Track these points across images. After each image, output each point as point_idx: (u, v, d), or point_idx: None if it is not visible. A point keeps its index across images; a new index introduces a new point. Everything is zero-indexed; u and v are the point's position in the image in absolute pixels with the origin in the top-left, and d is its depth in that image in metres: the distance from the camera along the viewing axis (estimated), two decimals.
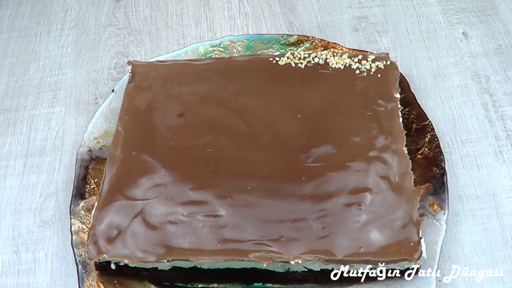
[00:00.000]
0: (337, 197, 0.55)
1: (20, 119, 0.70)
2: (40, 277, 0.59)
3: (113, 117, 0.66)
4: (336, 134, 0.60)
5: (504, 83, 0.70)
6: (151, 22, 0.79)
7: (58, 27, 0.79)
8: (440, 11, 0.77)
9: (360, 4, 0.79)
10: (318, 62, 0.66)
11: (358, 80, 0.64)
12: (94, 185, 0.62)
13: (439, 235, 0.56)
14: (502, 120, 0.67)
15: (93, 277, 0.56)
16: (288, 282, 0.56)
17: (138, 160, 0.59)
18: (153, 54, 0.75)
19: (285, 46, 0.71)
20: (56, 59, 0.76)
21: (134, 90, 0.65)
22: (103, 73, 0.74)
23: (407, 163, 0.58)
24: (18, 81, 0.74)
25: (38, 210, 0.63)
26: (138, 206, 0.55)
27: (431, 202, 0.58)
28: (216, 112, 0.63)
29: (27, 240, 0.61)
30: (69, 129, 0.69)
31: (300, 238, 0.53)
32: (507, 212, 0.60)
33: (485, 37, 0.74)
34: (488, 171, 0.63)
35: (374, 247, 0.52)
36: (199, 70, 0.66)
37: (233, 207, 0.55)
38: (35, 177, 0.66)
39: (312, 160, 0.58)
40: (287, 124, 0.61)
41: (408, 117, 0.64)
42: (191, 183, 0.57)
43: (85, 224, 0.59)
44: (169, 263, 0.54)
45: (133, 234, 0.54)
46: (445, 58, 0.73)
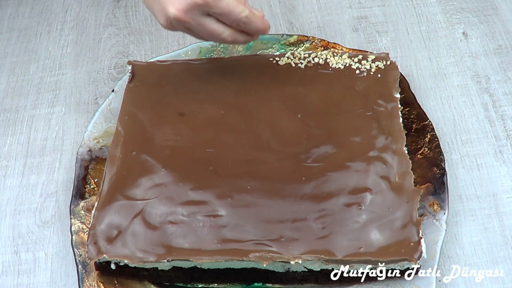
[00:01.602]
0: (337, 197, 0.55)
1: (20, 119, 0.70)
2: (40, 277, 0.59)
3: (113, 117, 0.66)
4: (336, 134, 0.60)
5: (504, 83, 0.70)
6: (151, 22, 0.79)
7: (58, 27, 0.79)
8: (440, 11, 0.77)
9: (360, 4, 0.79)
10: (318, 62, 0.66)
11: (358, 80, 0.64)
12: (94, 185, 0.62)
13: (439, 235, 0.56)
14: (502, 120, 0.67)
15: (93, 277, 0.56)
16: (288, 282, 0.56)
17: (138, 160, 0.59)
18: (153, 54, 0.75)
19: (285, 46, 0.71)
20: (56, 59, 0.76)
21: (134, 90, 0.65)
22: (103, 73, 0.74)
23: (407, 163, 0.58)
24: (18, 81, 0.74)
25: (38, 210, 0.63)
26: (138, 206, 0.55)
27: (431, 202, 0.58)
28: (216, 112, 0.63)
29: (27, 240, 0.61)
30: (69, 129, 0.69)
31: (300, 238, 0.53)
32: (507, 212, 0.60)
33: (485, 37, 0.74)
34: (488, 171, 0.63)
35: (374, 247, 0.52)
36: (199, 70, 0.66)
37: (233, 207, 0.55)
38: (35, 177, 0.66)
39: (312, 160, 0.58)
40: (287, 124, 0.61)
41: (408, 117, 0.64)
42: (191, 183, 0.57)
43: (85, 224, 0.59)
44: (169, 263, 0.54)
45: (133, 234, 0.54)
46: (445, 58, 0.73)
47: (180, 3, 0.53)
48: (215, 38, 0.57)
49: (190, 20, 0.54)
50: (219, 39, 0.57)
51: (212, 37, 0.56)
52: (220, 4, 0.53)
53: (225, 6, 0.54)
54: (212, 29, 0.55)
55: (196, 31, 0.56)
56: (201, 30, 0.55)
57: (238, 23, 0.55)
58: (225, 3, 0.54)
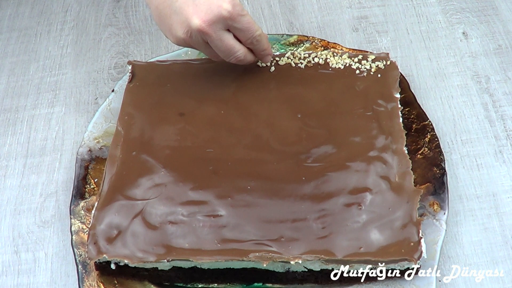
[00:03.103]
0: (337, 197, 0.55)
1: (20, 119, 0.70)
2: (40, 277, 0.59)
3: (113, 117, 0.66)
4: (336, 134, 0.60)
5: (504, 83, 0.70)
6: (151, 22, 0.79)
7: (58, 27, 0.79)
8: (440, 11, 0.77)
9: (360, 4, 0.79)
10: (318, 62, 0.66)
11: (358, 80, 0.64)
12: (94, 185, 0.62)
13: (439, 235, 0.56)
14: (502, 120, 0.67)
15: (93, 277, 0.56)
16: (288, 282, 0.56)
17: (138, 160, 0.59)
18: (153, 54, 0.75)
19: (285, 46, 0.71)
20: (56, 59, 0.76)
21: (134, 90, 0.65)
22: (103, 73, 0.74)
23: (407, 163, 0.58)
24: (18, 81, 0.74)
25: (38, 210, 0.63)
26: (138, 206, 0.55)
27: (431, 202, 0.58)
28: (216, 112, 0.63)
29: (27, 240, 0.61)
30: (69, 129, 0.69)
31: (300, 238, 0.53)
32: (507, 212, 0.60)
33: (485, 37, 0.74)
34: (488, 171, 0.63)
35: (374, 247, 0.52)
36: (199, 70, 0.66)
37: (233, 207, 0.55)
38: (35, 177, 0.66)
39: (312, 160, 0.58)
40: (287, 124, 0.61)
41: (408, 117, 0.64)
42: (191, 183, 0.57)
43: (85, 224, 0.59)
44: (169, 263, 0.54)
45: (133, 234, 0.54)
46: (445, 58, 0.73)
47: (207, 15, 0.54)
48: (229, 55, 0.58)
49: (212, 32, 0.55)
50: (232, 56, 0.58)
51: (227, 53, 0.58)
52: (242, 19, 0.56)
53: (246, 22, 0.56)
54: (230, 45, 0.57)
55: (214, 46, 0.57)
56: (219, 45, 0.57)
57: (252, 40, 0.58)
58: (246, 19, 0.56)
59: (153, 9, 0.59)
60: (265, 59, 0.63)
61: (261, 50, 0.61)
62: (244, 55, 0.59)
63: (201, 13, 0.55)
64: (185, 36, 0.56)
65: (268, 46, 0.61)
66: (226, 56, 0.59)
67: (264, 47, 0.60)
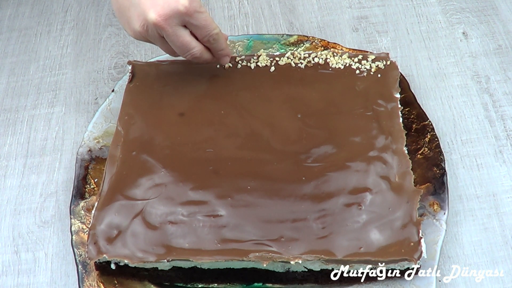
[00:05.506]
0: (337, 197, 0.55)
1: (20, 119, 0.70)
2: (40, 277, 0.59)
3: (113, 117, 0.66)
4: (336, 134, 0.60)
5: (504, 83, 0.70)
6: None
7: (58, 27, 0.79)
8: (440, 11, 0.77)
9: (360, 4, 0.79)
10: (318, 62, 0.66)
11: (358, 80, 0.64)
12: (94, 185, 0.62)
13: (439, 235, 0.56)
14: (502, 120, 0.67)
15: (93, 277, 0.56)
16: (288, 282, 0.56)
17: (138, 160, 0.59)
18: (153, 54, 0.75)
19: (285, 46, 0.71)
20: (56, 59, 0.76)
21: (134, 90, 0.65)
22: (103, 73, 0.74)
23: (407, 163, 0.58)
24: (18, 81, 0.74)
25: (38, 210, 0.63)
26: (138, 206, 0.55)
27: (431, 202, 0.58)
28: (216, 112, 0.63)
29: (27, 240, 0.61)
30: (69, 129, 0.69)
31: (300, 238, 0.53)
32: (507, 212, 0.60)
33: (485, 37, 0.74)
34: (488, 171, 0.63)
35: (374, 247, 0.52)
36: (199, 70, 0.66)
37: (233, 207, 0.55)
38: (35, 177, 0.66)
39: (312, 160, 0.58)
40: (287, 124, 0.61)
41: (408, 117, 0.64)
42: (191, 183, 0.57)
43: (85, 224, 0.59)
44: (169, 263, 0.54)
45: (133, 234, 0.54)
46: (445, 58, 0.73)
47: (163, 9, 0.54)
48: (184, 51, 0.57)
49: (168, 27, 0.55)
50: (188, 53, 0.58)
51: (182, 50, 0.57)
52: (199, 16, 0.55)
53: (203, 19, 0.56)
54: (186, 41, 0.57)
55: (170, 41, 0.57)
56: (175, 41, 0.56)
57: (209, 38, 0.57)
58: (203, 16, 0.56)
59: (113, 1, 0.58)
60: (223, 60, 0.62)
61: (218, 49, 0.60)
62: (200, 53, 0.58)
63: (158, 7, 0.54)
64: (141, 29, 0.56)
65: (226, 47, 0.60)
66: (182, 52, 0.58)
67: (221, 47, 0.59)
